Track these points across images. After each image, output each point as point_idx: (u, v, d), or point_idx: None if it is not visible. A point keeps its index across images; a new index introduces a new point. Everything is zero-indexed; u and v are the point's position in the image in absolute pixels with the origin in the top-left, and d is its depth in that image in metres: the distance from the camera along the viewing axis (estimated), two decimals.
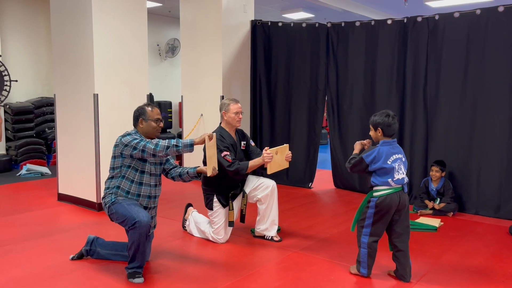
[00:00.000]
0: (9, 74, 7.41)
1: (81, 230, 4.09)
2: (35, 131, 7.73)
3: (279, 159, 3.60)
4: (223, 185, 3.72)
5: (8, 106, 7.41)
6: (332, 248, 3.69)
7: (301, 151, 6.15)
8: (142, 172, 3.13)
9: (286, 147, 3.68)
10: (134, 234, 2.90)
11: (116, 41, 4.78)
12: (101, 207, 4.47)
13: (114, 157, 3.14)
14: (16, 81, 7.62)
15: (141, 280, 2.96)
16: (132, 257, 2.98)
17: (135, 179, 3.11)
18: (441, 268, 3.31)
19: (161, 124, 3.22)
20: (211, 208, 3.76)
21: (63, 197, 5.16)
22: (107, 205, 3.10)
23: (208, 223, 3.86)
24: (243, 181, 3.85)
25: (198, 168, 3.36)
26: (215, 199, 3.73)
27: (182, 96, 6.57)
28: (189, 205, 4.21)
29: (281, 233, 3.99)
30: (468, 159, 4.89)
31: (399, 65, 5.32)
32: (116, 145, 3.11)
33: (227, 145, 3.68)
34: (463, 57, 4.86)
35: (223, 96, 6.08)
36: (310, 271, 3.21)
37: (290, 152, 3.67)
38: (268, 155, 3.49)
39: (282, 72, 6.27)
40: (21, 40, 7.92)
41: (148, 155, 2.99)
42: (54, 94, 5.20)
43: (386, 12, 10.15)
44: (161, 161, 3.29)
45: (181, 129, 6.80)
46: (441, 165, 4.80)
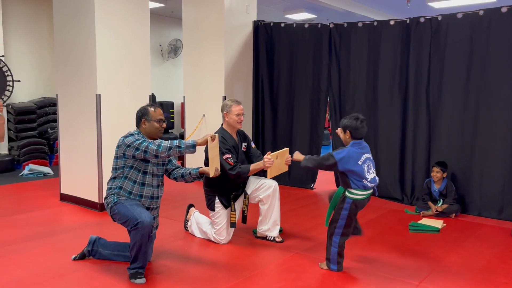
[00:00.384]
0: (11, 74, 7.43)
1: (83, 230, 4.09)
2: (38, 131, 7.74)
3: (278, 163, 3.60)
4: (225, 186, 3.71)
5: (10, 106, 7.43)
6: None
7: (303, 151, 6.02)
8: (145, 173, 3.13)
9: (286, 151, 3.68)
10: (136, 234, 2.91)
11: (119, 42, 4.79)
12: (103, 207, 4.49)
13: (116, 157, 3.14)
14: (19, 81, 7.64)
15: (143, 280, 2.96)
16: (134, 257, 2.98)
17: (138, 180, 3.11)
18: (443, 269, 3.30)
19: (164, 125, 3.23)
20: (212, 209, 3.75)
21: (65, 197, 5.17)
22: (109, 206, 3.10)
23: (210, 224, 3.86)
24: (244, 182, 3.85)
25: (201, 169, 3.36)
26: (217, 200, 3.72)
27: (184, 96, 6.57)
28: (191, 205, 4.21)
29: (283, 234, 3.99)
30: (471, 160, 4.87)
31: (401, 66, 5.31)
32: (119, 146, 3.11)
33: (229, 147, 3.67)
34: (466, 58, 4.84)
35: (225, 97, 6.07)
36: (312, 272, 3.20)
37: (289, 155, 3.66)
38: (269, 160, 3.48)
39: (284, 72, 6.26)
40: (24, 40, 7.94)
41: (151, 156, 2.99)
42: (57, 94, 5.20)
43: (389, 13, 10.14)
44: (163, 161, 3.29)
45: (183, 129, 6.80)
46: (442, 166, 4.78)
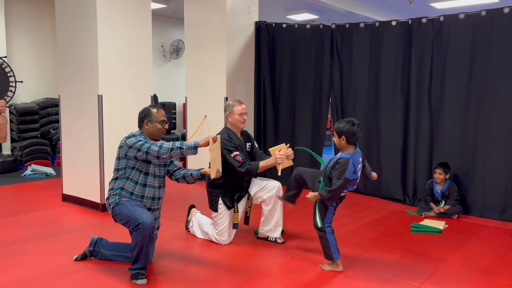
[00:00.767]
0: (14, 75, 7.45)
1: (85, 231, 4.10)
2: (40, 131, 7.76)
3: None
4: (228, 187, 3.71)
5: (13, 107, 7.45)
6: None
7: (305, 152, 6.12)
8: (146, 174, 3.13)
9: (283, 146, 3.66)
10: (137, 235, 2.91)
11: (121, 43, 4.79)
12: (105, 208, 4.49)
13: (118, 158, 3.14)
14: (21, 82, 7.65)
15: (144, 281, 2.96)
16: (135, 258, 2.98)
17: (139, 181, 3.12)
18: (445, 271, 3.29)
19: (166, 126, 3.23)
20: (215, 210, 3.75)
21: (67, 198, 5.18)
22: (111, 206, 3.11)
23: (211, 225, 3.86)
24: (248, 182, 3.85)
25: (202, 170, 3.37)
26: (220, 201, 3.72)
27: (186, 97, 6.58)
28: (192, 206, 4.21)
29: (284, 235, 3.98)
30: (473, 161, 4.86)
31: (403, 66, 5.30)
32: (121, 147, 3.12)
33: (236, 145, 3.68)
34: (468, 58, 4.83)
35: (227, 98, 6.08)
36: (314, 273, 3.20)
37: (290, 149, 3.64)
38: (281, 156, 3.53)
39: (286, 73, 6.26)
40: (27, 41, 7.96)
41: (152, 157, 2.99)
42: (59, 95, 5.21)
43: (391, 13, 10.12)
44: (165, 162, 3.29)
45: (185, 130, 6.80)
46: (445, 167, 4.77)
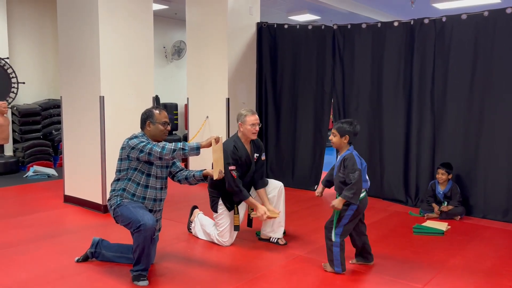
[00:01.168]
0: (16, 76, 7.47)
1: (86, 232, 4.10)
2: (42, 132, 7.77)
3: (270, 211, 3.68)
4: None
5: (15, 108, 7.46)
6: None
7: (307, 153, 6.13)
8: (148, 175, 3.13)
9: (276, 214, 3.72)
10: (139, 237, 2.90)
11: (122, 44, 4.79)
12: (107, 209, 4.48)
13: (120, 159, 3.14)
14: (24, 83, 7.67)
15: (145, 283, 2.96)
16: (137, 259, 2.97)
17: (141, 182, 3.11)
18: (448, 272, 3.27)
19: (169, 127, 3.22)
20: (216, 211, 3.75)
21: (69, 199, 5.18)
22: (112, 207, 3.10)
23: (213, 226, 3.85)
24: (250, 185, 3.84)
25: (205, 171, 3.35)
26: (220, 202, 3.71)
27: (188, 98, 6.58)
28: (195, 207, 4.20)
29: (286, 236, 3.98)
30: (476, 162, 4.84)
31: (406, 67, 5.28)
32: (123, 148, 3.12)
33: (237, 158, 3.65)
34: (470, 59, 4.82)
35: (228, 99, 6.07)
36: (316, 275, 3.18)
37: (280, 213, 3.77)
38: (266, 217, 3.61)
39: (288, 74, 6.25)
40: (29, 42, 7.98)
41: (155, 158, 2.99)
42: (61, 96, 5.22)
43: (393, 14, 10.11)
44: (167, 164, 3.28)
45: (187, 131, 6.80)
46: (447, 168, 4.75)
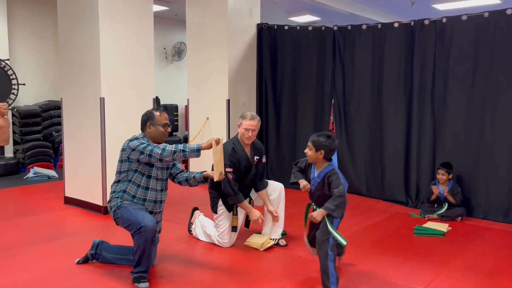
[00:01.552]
0: (17, 78, 7.47)
1: (87, 233, 4.09)
2: (43, 134, 7.76)
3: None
4: None
5: (15, 109, 7.46)
6: None
7: None
8: (149, 177, 3.13)
9: (269, 241, 3.76)
10: (139, 238, 2.90)
11: (123, 45, 4.80)
12: (107, 210, 4.49)
13: (121, 161, 3.14)
14: (24, 84, 7.67)
15: (146, 284, 2.95)
16: (137, 261, 2.97)
17: (142, 184, 3.11)
18: (449, 273, 3.27)
19: (169, 129, 3.22)
20: (216, 212, 3.75)
21: (69, 200, 5.18)
22: (112, 209, 3.10)
23: (214, 227, 3.85)
24: (249, 187, 3.84)
25: (205, 173, 3.34)
26: (220, 203, 3.71)
27: (188, 99, 6.58)
28: (196, 209, 4.20)
29: (287, 237, 3.97)
30: (477, 163, 4.84)
31: (406, 68, 5.29)
32: (123, 149, 3.11)
33: (235, 160, 3.65)
34: (471, 60, 4.82)
35: (229, 100, 6.07)
36: (317, 276, 3.17)
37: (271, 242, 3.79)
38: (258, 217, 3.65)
39: (288, 75, 6.26)
40: (29, 43, 7.98)
41: (155, 160, 2.98)
42: (61, 98, 5.22)
43: (393, 15, 10.12)
44: (167, 165, 3.28)
45: (187, 132, 6.80)
46: (448, 168, 4.74)
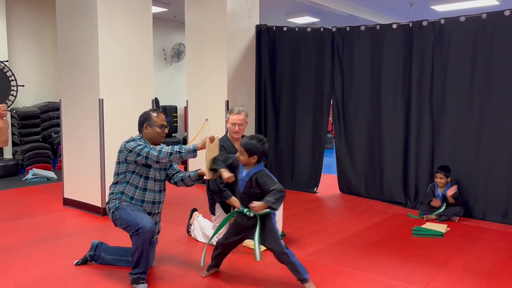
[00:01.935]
0: (15, 79, 7.47)
1: (85, 235, 4.09)
2: (41, 135, 7.77)
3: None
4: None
5: (14, 110, 7.46)
6: (338, 254, 3.67)
7: (306, 155, 6.13)
8: (147, 178, 3.13)
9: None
10: (137, 240, 2.90)
11: (122, 46, 4.80)
12: (106, 212, 4.49)
13: (118, 162, 3.14)
14: (23, 86, 7.67)
15: (144, 286, 2.95)
16: (136, 262, 2.97)
17: (140, 185, 3.11)
18: (448, 274, 3.27)
19: (166, 130, 3.22)
20: (214, 213, 3.76)
21: (68, 202, 5.18)
22: (111, 211, 3.10)
23: (213, 228, 3.85)
24: None
25: (199, 171, 3.30)
26: (217, 204, 3.72)
27: (187, 100, 6.58)
28: (194, 210, 4.20)
29: (285, 238, 3.97)
30: (475, 163, 4.84)
31: (404, 69, 5.29)
32: (121, 151, 3.11)
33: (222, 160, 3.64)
34: (469, 61, 4.82)
35: (228, 101, 6.08)
36: (315, 277, 3.18)
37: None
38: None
39: (287, 76, 6.26)
40: (28, 45, 7.98)
41: (152, 161, 2.98)
42: (60, 99, 5.22)
43: (392, 16, 10.13)
44: (165, 166, 3.28)
45: (186, 133, 6.81)
46: (445, 171, 4.74)
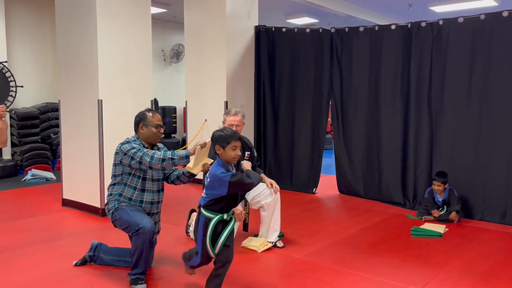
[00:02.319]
0: (14, 80, 7.47)
1: (84, 235, 4.09)
2: (40, 136, 7.77)
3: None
4: None
5: (13, 111, 7.46)
6: (336, 254, 3.68)
7: (305, 156, 6.13)
8: (144, 179, 3.12)
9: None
10: (137, 240, 2.91)
11: (121, 47, 4.80)
12: (105, 212, 4.49)
13: (115, 164, 3.14)
14: (22, 86, 7.67)
15: (143, 286, 2.96)
16: (135, 263, 2.98)
17: (138, 186, 3.11)
18: (446, 274, 3.28)
19: (162, 130, 3.21)
20: None
21: (67, 203, 5.18)
22: (110, 211, 3.11)
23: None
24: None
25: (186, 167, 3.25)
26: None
27: (186, 101, 6.59)
28: (193, 210, 4.20)
29: (284, 239, 3.98)
30: (474, 164, 4.85)
31: (403, 70, 5.30)
32: (117, 153, 3.12)
33: None
34: (467, 62, 4.83)
35: (227, 102, 6.08)
36: (314, 277, 3.19)
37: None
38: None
39: (286, 77, 6.27)
40: (27, 46, 7.98)
41: (145, 166, 3.00)
42: (59, 100, 5.22)
43: (390, 17, 10.14)
44: None
45: (186, 134, 6.81)
46: (443, 177, 4.70)
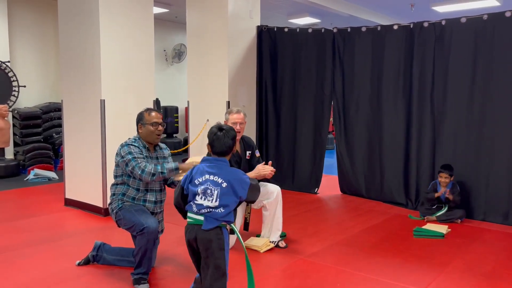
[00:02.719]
0: (17, 80, 7.49)
1: (87, 235, 4.10)
2: (43, 136, 7.78)
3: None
4: None
5: (16, 111, 7.48)
6: (339, 255, 3.68)
7: (307, 156, 6.13)
8: None
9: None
10: (142, 239, 2.92)
11: (123, 47, 4.81)
12: (108, 212, 4.49)
13: (117, 165, 3.17)
14: (24, 86, 7.69)
15: (146, 286, 2.96)
16: (138, 263, 2.98)
17: (141, 187, 3.13)
18: (448, 275, 3.28)
19: (160, 128, 3.19)
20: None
21: (70, 202, 5.19)
22: (114, 211, 3.11)
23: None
24: None
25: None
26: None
27: (188, 101, 6.59)
28: None
29: (286, 239, 3.98)
30: (476, 164, 4.84)
31: (405, 70, 5.30)
32: (117, 154, 3.14)
33: None
34: (470, 62, 4.83)
35: (229, 102, 6.08)
36: (316, 278, 3.19)
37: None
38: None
39: (288, 77, 6.27)
40: (30, 46, 8.00)
41: (136, 177, 3.04)
42: (62, 100, 5.23)
43: (393, 17, 10.14)
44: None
45: (187, 134, 6.82)
46: (449, 170, 4.73)
